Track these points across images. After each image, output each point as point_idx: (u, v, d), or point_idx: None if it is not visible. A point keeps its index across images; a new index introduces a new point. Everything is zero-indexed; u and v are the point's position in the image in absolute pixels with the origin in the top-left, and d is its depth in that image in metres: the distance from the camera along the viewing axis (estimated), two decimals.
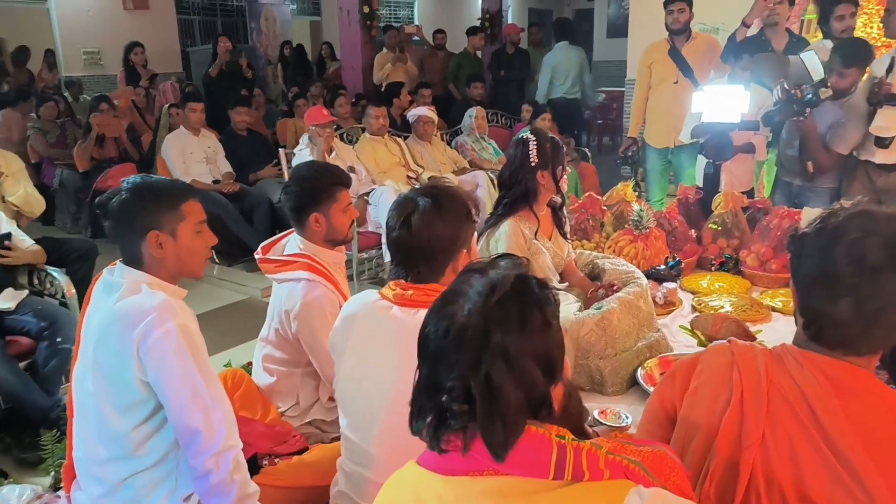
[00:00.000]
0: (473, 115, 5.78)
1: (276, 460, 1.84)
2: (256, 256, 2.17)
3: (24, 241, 3.08)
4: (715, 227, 3.43)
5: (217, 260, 4.83)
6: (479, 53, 7.86)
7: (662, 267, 3.18)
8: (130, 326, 1.51)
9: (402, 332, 1.42)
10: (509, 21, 11.69)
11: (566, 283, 2.80)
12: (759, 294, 2.88)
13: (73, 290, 2.98)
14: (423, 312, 1.02)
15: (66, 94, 7.28)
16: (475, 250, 1.64)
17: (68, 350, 2.77)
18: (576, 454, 0.91)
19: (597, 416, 2.10)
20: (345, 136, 5.15)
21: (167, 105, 5.85)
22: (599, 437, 1.12)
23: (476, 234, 1.65)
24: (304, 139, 4.50)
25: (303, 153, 4.40)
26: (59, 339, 2.81)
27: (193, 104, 4.94)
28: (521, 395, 0.91)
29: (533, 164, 2.55)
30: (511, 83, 7.64)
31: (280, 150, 4.69)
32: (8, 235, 2.94)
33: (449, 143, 5.80)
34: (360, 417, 1.55)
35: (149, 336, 1.50)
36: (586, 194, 3.76)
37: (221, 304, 4.36)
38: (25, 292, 2.97)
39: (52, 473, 1.97)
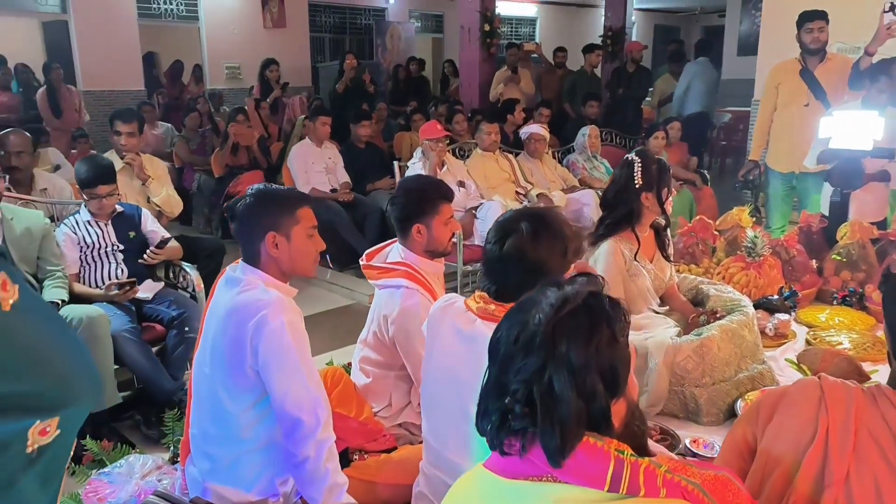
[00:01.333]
0: (587, 134, 5.75)
1: (365, 456, 1.94)
2: (361, 263, 2.29)
3: (165, 237, 3.40)
4: (839, 258, 3.23)
5: (330, 265, 5.09)
6: (596, 71, 7.79)
7: (775, 297, 3.04)
8: (246, 318, 1.66)
9: (482, 345, 1.47)
10: (633, 39, 11.49)
11: (666, 307, 2.74)
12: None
13: (202, 285, 3.27)
14: None
15: (209, 105, 7.92)
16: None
17: (193, 339, 3.04)
18: (633, 469, 0.93)
19: (688, 444, 2.05)
20: (457, 151, 5.28)
21: (302, 116, 6.24)
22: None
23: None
24: (417, 153, 4.66)
25: (415, 166, 4.56)
26: (186, 329, 3.09)
27: (324, 118, 5.25)
28: (582, 405, 0.95)
29: (637, 186, 2.54)
30: (629, 102, 7.52)
31: (395, 162, 4.88)
32: (168, 240, 3.25)
33: (560, 161, 5.80)
34: (440, 423, 1.61)
35: (262, 328, 1.65)
36: (697, 217, 3.66)
37: (331, 307, 4.59)
38: (162, 284, 3.29)
39: (171, 448, 2.18)
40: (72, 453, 0.86)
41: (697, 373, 2.36)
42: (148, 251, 3.21)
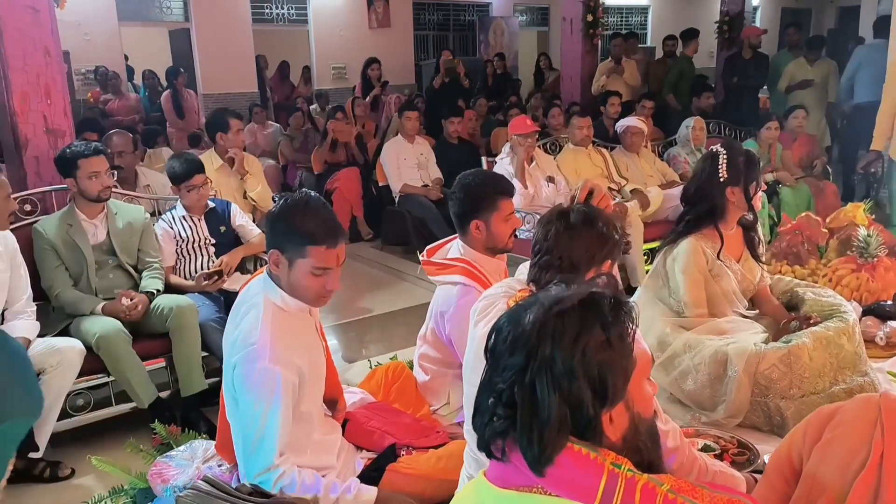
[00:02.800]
0: (691, 126, 5.43)
1: (412, 451, 1.92)
2: (421, 258, 2.26)
3: (253, 231, 3.55)
4: None
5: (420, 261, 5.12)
6: (711, 58, 7.35)
7: (890, 302, 2.74)
8: (234, 347, 1.73)
9: None
10: (757, 24, 10.77)
11: (756, 311, 2.53)
12: None
13: None
14: None
15: (315, 105, 8.23)
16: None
17: None
18: (628, 485, 0.86)
19: (767, 460, 1.87)
20: (549, 146, 5.16)
21: (395, 113, 6.34)
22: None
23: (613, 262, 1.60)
24: (505, 148, 4.60)
25: (503, 161, 4.50)
26: None
27: (409, 113, 5.31)
28: (565, 411, 0.89)
29: (722, 180, 2.36)
30: (743, 91, 7.04)
31: (483, 158, 4.84)
32: (220, 273, 3.32)
33: (661, 155, 5.52)
34: None
35: (238, 370, 1.70)
36: (803, 214, 3.36)
37: (418, 302, 4.60)
38: (249, 276, 3.43)
39: None
40: (10, 467, 0.88)
41: (784, 383, 2.17)
42: (206, 282, 3.28)
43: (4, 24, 3.11)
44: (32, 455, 2.64)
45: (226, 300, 3.28)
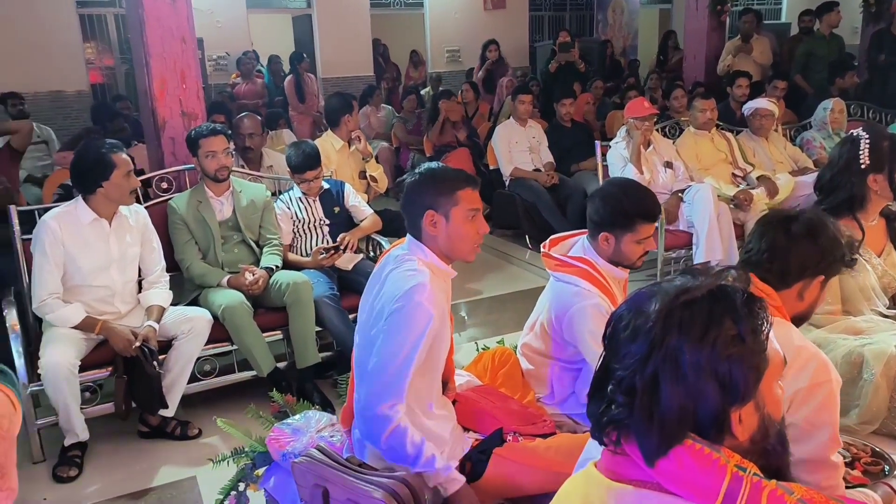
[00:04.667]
0: (829, 108, 5.01)
1: (519, 438, 1.90)
2: (542, 249, 2.21)
3: (366, 211, 3.65)
4: None
5: (529, 245, 5.08)
6: (855, 35, 6.74)
7: None
8: (389, 294, 1.72)
9: None
10: None
11: None
12: None
13: None
14: None
15: (428, 88, 8.31)
16: (830, 294, 1.60)
17: None
18: (753, 490, 0.81)
19: None
20: (668, 129, 4.94)
21: (508, 96, 6.29)
22: None
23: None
24: (621, 132, 4.44)
25: (618, 146, 4.35)
26: None
27: (522, 96, 5.24)
28: (688, 405, 0.85)
29: (863, 167, 2.17)
30: (890, 70, 6.42)
31: (597, 142, 4.70)
32: (337, 248, 3.41)
33: (792, 140, 5.15)
34: None
35: (397, 302, 1.69)
36: None
37: (526, 286, 4.58)
38: (361, 256, 3.53)
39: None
40: None
41: None
42: (323, 256, 3.39)
43: (146, 15, 3.35)
44: (164, 413, 2.86)
45: (339, 278, 3.40)
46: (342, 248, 3.40)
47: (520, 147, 5.23)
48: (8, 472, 0.72)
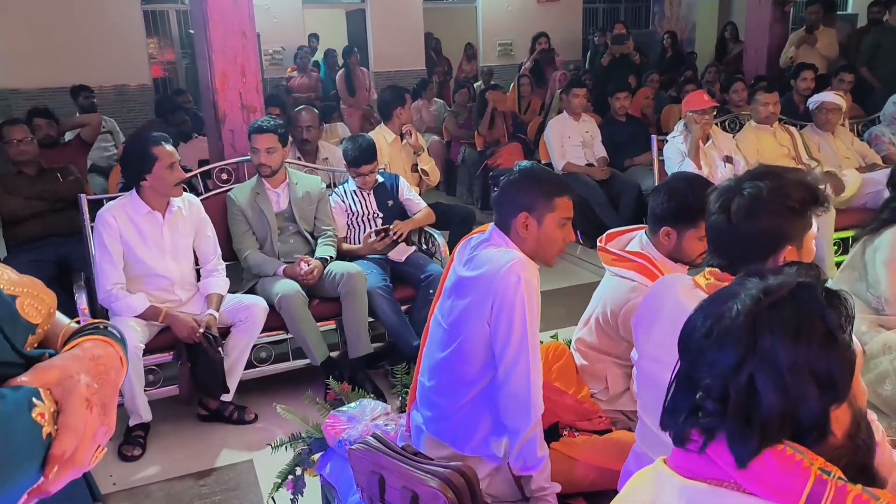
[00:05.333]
0: None
1: (575, 433, 1.89)
2: (598, 243, 2.18)
3: (420, 205, 3.66)
4: None
5: (580, 241, 5.02)
6: None
7: None
8: (492, 271, 1.70)
9: None
10: None
11: None
12: None
13: (448, 250, 3.46)
14: None
15: (479, 82, 8.29)
16: (809, 250, 1.43)
17: None
18: (837, 494, 0.79)
19: None
20: (727, 124, 4.81)
21: (558, 91, 6.22)
22: None
23: (811, 231, 1.43)
24: (678, 126, 4.35)
25: (675, 140, 4.26)
26: (431, 291, 3.29)
27: (576, 90, 5.17)
28: (788, 408, 0.84)
29: None
30: None
31: (653, 136, 4.61)
32: (387, 231, 3.45)
33: (860, 135, 4.95)
34: (654, 403, 1.49)
35: (503, 279, 1.67)
36: None
37: (577, 282, 4.54)
38: (414, 248, 3.56)
39: (401, 399, 2.37)
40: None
41: None
42: (374, 239, 3.43)
43: (210, 11, 3.43)
44: (224, 398, 2.94)
45: (392, 270, 3.43)
46: (393, 234, 3.43)
47: (573, 141, 5.17)
48: (110, 412, 0.79)
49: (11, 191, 3.67)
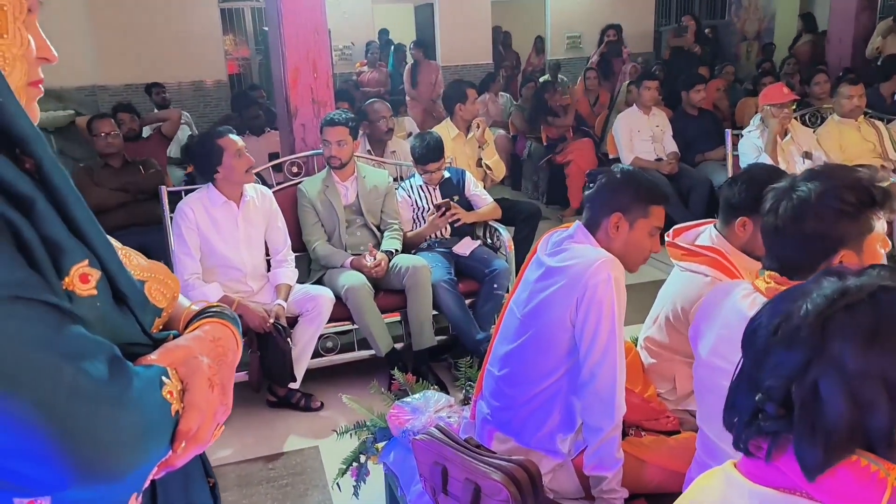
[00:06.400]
0: None
1: (642, 433, 1.86)
2: (667, 238, 2.14)
3: (486, 200, 3.67)
4: None
5: None
6: None
7: None
8: (579, 268, 1.69)
9: None
10: None
11: None
12: None
13: (513, 246, 3.45)
14: None
15: (546, 76, 8.19)
16: (873, 253, 1.36)
17: (502, 296, 3.25)
18: None
19: None
20: (808, 118, 4.61)
21: (626, 83, 6.10)
22: None
23: (874, 234, 1.36)
24: (755, 120, 4.19)
25: (751, 135, 4.12)
26: (495, 286, 3.31)
27: (648, 82, 5.06)
28: (857, 417, 0.79)
29: None
30: None
31: (727, 131, 4.46)
32: (448, 205, 3.48)
33: None
34: (714, 411, 1.46)
35: (591, 277, 1.66)
36: None
37: (644, 279, 4.40)
38: (479, 242, 3.56)
39: (464, 391, 2.38)
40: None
41: None
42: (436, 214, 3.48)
43: (283, 8, 3.52)
44: (291, 385, 3.03)
45: (456, 263, 3.45)
46: (451, 207, 3.44)
47: (642, 136, 5.06)
48: (228, 392, 0.82)
49: (98, 182, 3.88)
